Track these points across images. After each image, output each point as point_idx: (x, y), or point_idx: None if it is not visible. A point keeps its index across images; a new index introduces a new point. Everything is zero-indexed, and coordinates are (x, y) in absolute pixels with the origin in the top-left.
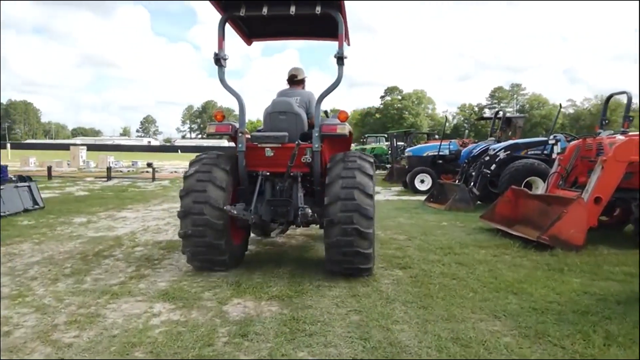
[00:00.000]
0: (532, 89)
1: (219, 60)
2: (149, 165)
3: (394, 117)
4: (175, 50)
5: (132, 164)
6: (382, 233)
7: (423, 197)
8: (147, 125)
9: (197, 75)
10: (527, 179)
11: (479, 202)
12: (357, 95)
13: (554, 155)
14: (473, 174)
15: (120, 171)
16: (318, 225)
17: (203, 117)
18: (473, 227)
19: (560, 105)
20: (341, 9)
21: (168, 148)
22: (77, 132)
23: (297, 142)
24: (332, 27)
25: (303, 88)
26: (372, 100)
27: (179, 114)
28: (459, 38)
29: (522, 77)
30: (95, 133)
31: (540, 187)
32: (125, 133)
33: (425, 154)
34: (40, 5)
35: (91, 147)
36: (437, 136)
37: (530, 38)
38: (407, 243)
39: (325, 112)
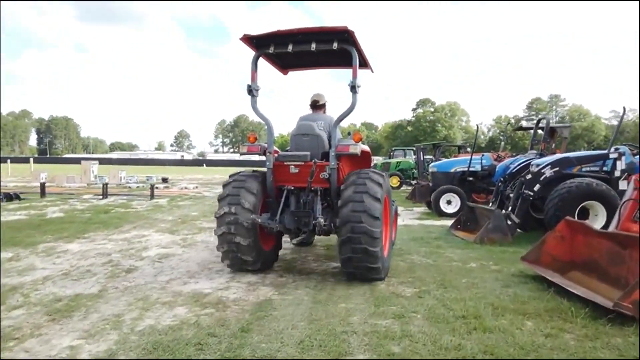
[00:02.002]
0: (572, 100)
1: (252, 91)
2: (164, 180)
3: (426, 130)
4: (208, 66)
5: (147, 179)
6: (384, 283)
7: (449, 222)
8: (181, 139)
9: (229, 90)
10: (583, 204)
11: (518, 229)
12: (390, 107)
13: (616, 173)
14: (511, 195)
15: (129, 187)
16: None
17: (235, 131)
18: (512, 273)
19: (625, 108)
20: (355, 44)
21: (200, 162)
22: (115, 146)
23: (314, 161)
24: (349, 58)
25: (324, 112)
26: (405, 112)
27: (212, 128)
28: (494, 48)
29: (561, 88)
30: (132, 147)
31: (600, 215)
32: (160, 147)
33: (452, 170)
34: (81, 25)
35: (126, 162)
36: (469, 149)
37: (568, 48)
38: (413, 304)
39: (349, 132)
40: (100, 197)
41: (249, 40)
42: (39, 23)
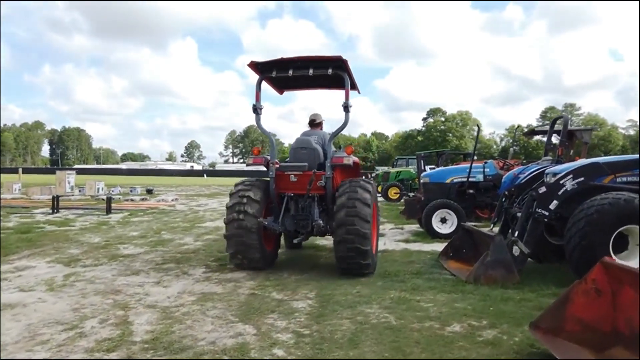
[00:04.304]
0: (587, 109)
1: (256, 109)
2: (149, 191)
3: (436, 140)
4: (221, 78)
5: (131, 191)
6: None
7: (442, 246)
8: (191, 150)
9: (240, 101)
10: (620, 229)
11: (529, 259)
12: (401, 118)
13: None
14: (518, 214)
15: (102, 199)
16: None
17: (245, 141)
18: (514, 347)
19: None
20: (347, 69)
21: (207, 173)
22: (127, 157)
23: (313, 171)
24: (341, 82)
25: (321, 129)
26: (416, 123)
27: (222, 139)
28: (506, 58)
29: (574, 98)
30: (143, 158)
31: None
32: (171, 158)
33: (448, 180)
34: (100, 40)
35: (136, 172)
36: (475, 158)
37: (581, 59)
38: None
39: (339, 146)
40: (51, 210)
41: (254, 65)
42: (55, 38)
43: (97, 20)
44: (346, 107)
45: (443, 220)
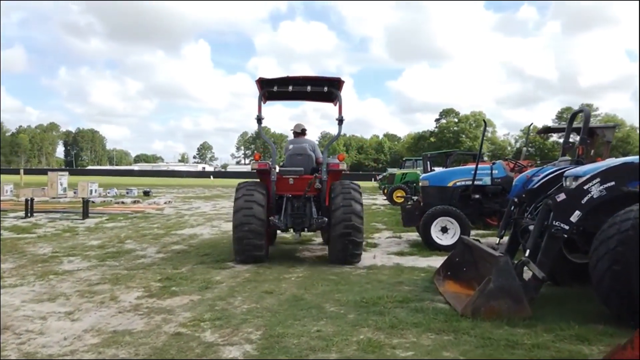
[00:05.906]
0: (604, 110)
1: (259, 119)
2: (146, 193)
3: (449, 141)
4: (234, 80)
5: (127, 192)
6: None
7: (440, 261)
8: (203, 151)
9: (253, 103)
10: None
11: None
12: (413, 119)
13: None
14: (530, 227)
15: (93, 202)
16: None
17: (257, 143)
18: None
19: None
20: (340, 88)
21: (217, 174)
22: (140, 158)
23: (314, 175)
24: (332, 97)
25: (305, 135)
26: (428, 124)
27: (235, 140)
28: (521, 59)
29: (590, 99)
30: (155, 160)
31: None
32: (183, 159)
33: (450, 184)
34: (115, 43)
35: (148, 174)
36: (485, 159)
37: (597, 59)
38: None
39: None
40: (23, 215)
41: (260, 81)
42: (71, 41)
43: (112, 23)
44: (340, 121)
45: (444, 230)
